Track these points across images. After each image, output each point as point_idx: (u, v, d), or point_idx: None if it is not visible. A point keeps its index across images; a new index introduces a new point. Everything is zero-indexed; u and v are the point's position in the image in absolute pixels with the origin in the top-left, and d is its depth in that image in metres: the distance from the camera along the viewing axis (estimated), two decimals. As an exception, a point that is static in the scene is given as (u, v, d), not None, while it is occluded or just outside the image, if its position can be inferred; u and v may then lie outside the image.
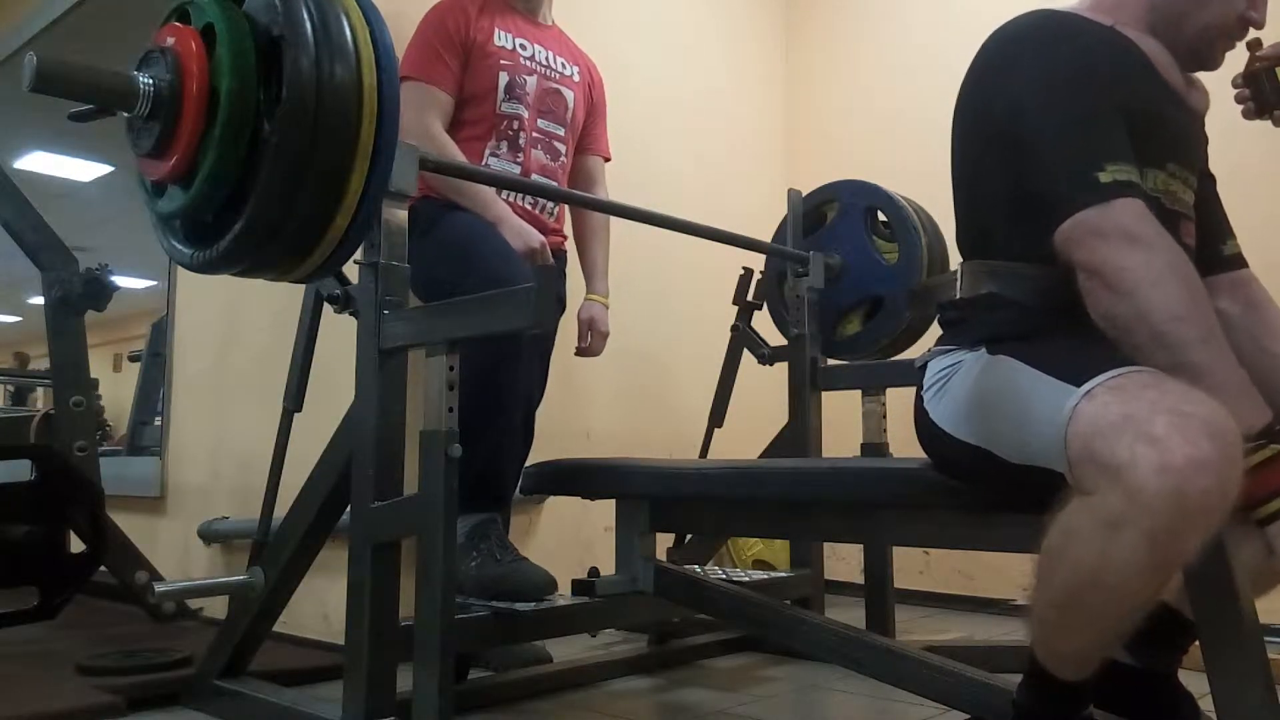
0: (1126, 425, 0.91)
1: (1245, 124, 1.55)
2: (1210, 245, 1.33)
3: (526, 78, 2.09)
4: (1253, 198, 2.52)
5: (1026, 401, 1.05)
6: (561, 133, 2.16)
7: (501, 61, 2.05)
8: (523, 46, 2.11)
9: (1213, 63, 1.30)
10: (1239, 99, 1.49)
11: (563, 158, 2.17)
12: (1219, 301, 1.27)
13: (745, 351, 2.51)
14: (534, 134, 2.10)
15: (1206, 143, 1.36)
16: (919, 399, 1.27)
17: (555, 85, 2.15)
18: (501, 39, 2.07)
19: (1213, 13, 1.25)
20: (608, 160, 2.32)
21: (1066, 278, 1.09)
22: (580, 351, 2.24)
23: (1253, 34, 1.33)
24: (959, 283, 1.24)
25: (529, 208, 2.08)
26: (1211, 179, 1.40)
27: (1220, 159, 1.41)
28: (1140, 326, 1.01)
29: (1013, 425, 1.08)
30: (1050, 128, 1.13)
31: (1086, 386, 0.97)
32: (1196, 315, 1.01)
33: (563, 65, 2.18)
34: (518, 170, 2.06)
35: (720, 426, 2.50)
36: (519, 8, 2.15)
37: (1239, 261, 1.36)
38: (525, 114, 2.08)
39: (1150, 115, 1.18)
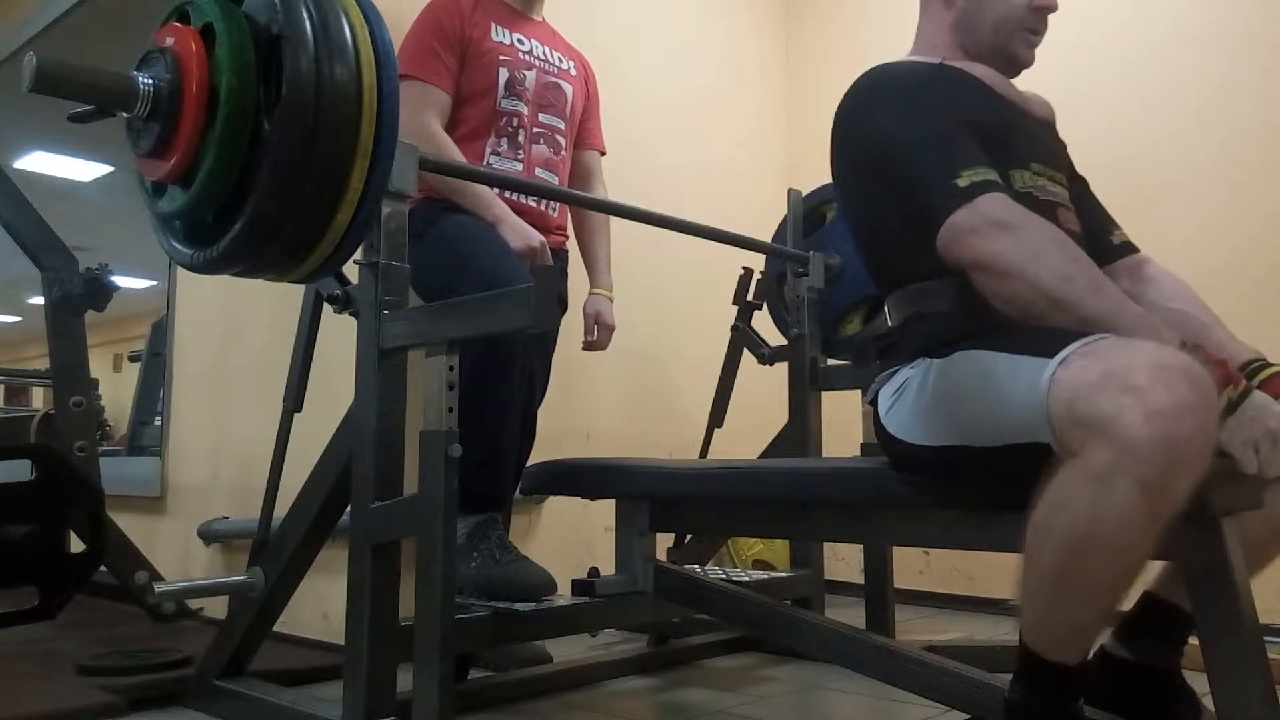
0: (1108, 381, 0.93)
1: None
2: (1098, 239, 1.41)
3: (526, 73, 2.09)
4: (1253, 199, 2.52)
5: (999, 382, 1.08)
6: (562, 126, 2.16)
7: (501, 57, 2.05)
8: (520, 41, 2.11)
9: (1023, 60, 1.41)
10: None
11: (564, 151, 2.17)
12: (1119, 285, 1.32)
13: (745, 351, 2.51)
14: (534, 129, 2.10)
15: (1064, 147, 1.47)
16: (877, 423, 1.30)
17: (554, 79, 2.15)
18: (499, 34, 2.07)
19: (996, 9, 1.37)
20: (603, 154, 2.32)
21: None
22: (587, 345, 2.24)
23: None
24: (888, 319, 1.35)
25: (532, 205, 2.08)
26: (1082, 180, 1.49)
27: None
28: (1036, 297, 1.09)
29: (988, 408, 1.10)
30: (911, 153, 1.23)
31: (1060, 355, 1.00)
32: (1080, 272, 1.09)
33: (559, 59, 2.18)
34: (519, 167, 2.06)
35: (720, 426, 2.50)
36: (513, 3, 2.15)
37: (1130, 248, 1.46)
38: (524, 110, 2.08)
39: (998, 125, 1.29)
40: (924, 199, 1.19)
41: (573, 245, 2.27)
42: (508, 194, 2.01)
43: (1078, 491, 0.94)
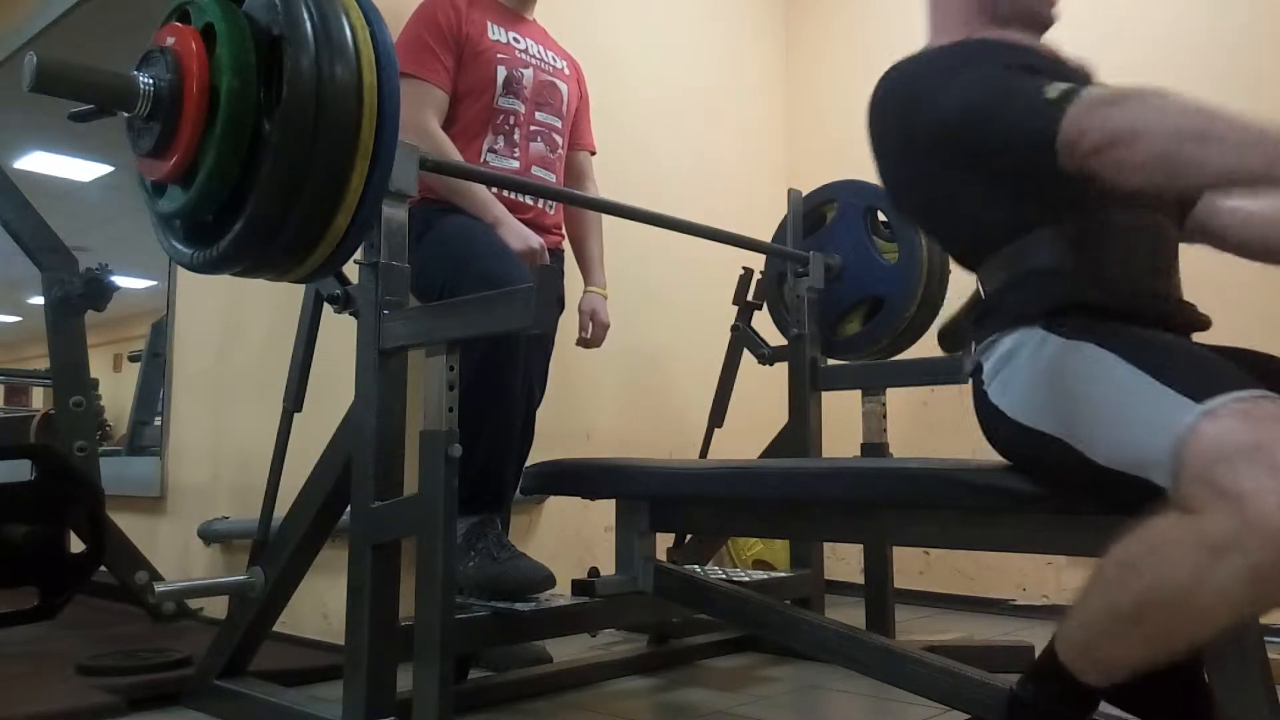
0: (1256, 454, 0.88)
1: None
2: None
3: (523, 71, 2.09)
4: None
5: (1130, 404, 1.02)
6: (559, 125, 2.16)
7: (498, 56, 2.05)
8: (516, 40, 2.11)
9: (1046, 18, 1.37)
10: None
11: (560, 149, 2.17)
12: None
13: (745, 351, 2.52)
14: (531, 127, 2.10)
15: None
16: (980, 395, 1.23)
17: (550, 78, 2.15)
18: (495, 33, 2.07)
19: None
20: (593, 154, 2.33)
21: (1077, 223, 1.14)
22: (582, 342, 2.24)
23: None
24: (980, 288, 1.27)
25: (529, 203, 2.08)
26: None
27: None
28: (1178, 145, 0.99)
29: (1108, 424, 1.05)
30: (987, 104, 1.16)
31: (1209, 405, 0.93)
32: (1206, 106, 1.00)
33: (554, 59, 2.19)
34: (516, 165, 2.06)
35: (720, 426, 2.50)
36: (506, 2, 2.15)
37: None
38: (521, 108, 2.08)
39: (1058, 74, 1.20)
40: (1021, 134, 1.11)
41: (568, 247, 2.27)
42: (504, 192, 2.01)
43: (1184, 552, 0.90)
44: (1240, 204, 1.25)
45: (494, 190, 1.98)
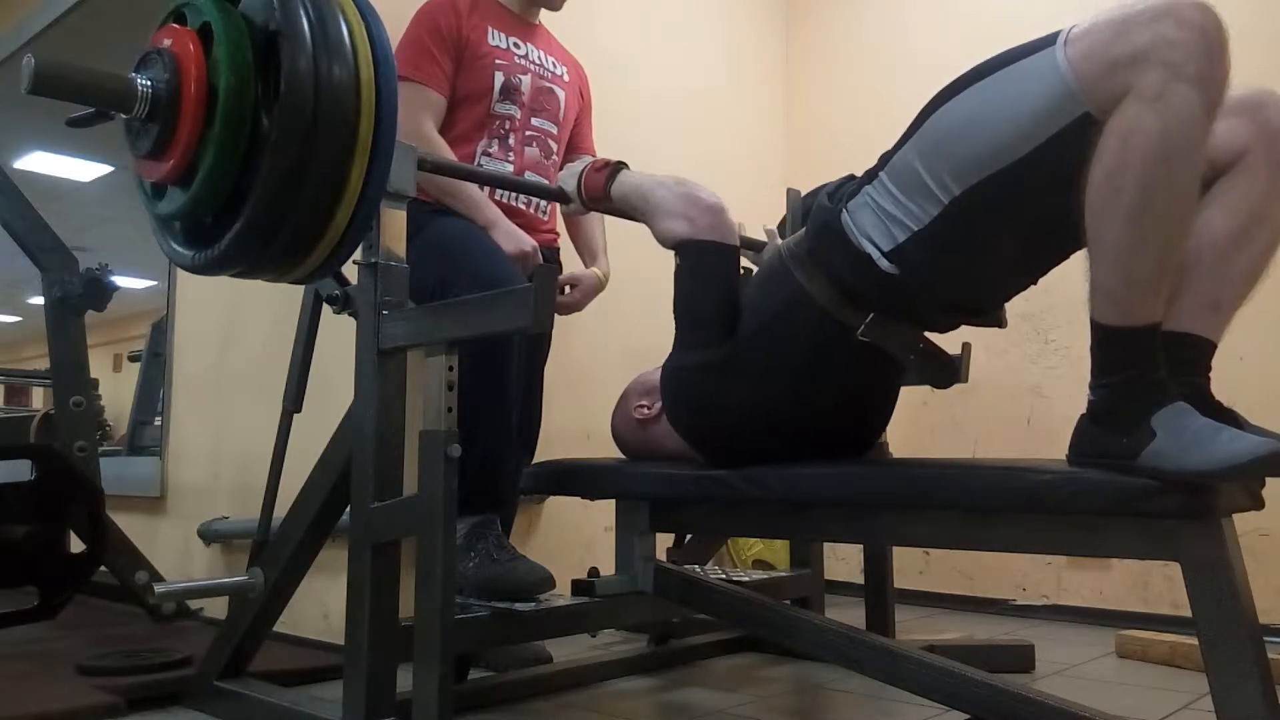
0: (1131, 19, 1.04)
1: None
2: None
3: (521, 77, 2.09)
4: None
5: (1000, 98, 1.15)
6: (555, 131, 2.16)
7: (496, 61, 2.05)
8: (516, 45, 2.11)
9: None
10: None
11: (555, 155, 2.17)
12: None
13: (745, 351, 2.51)
14: (527, 132, 2.10)
15: None
16: (875, 266, 1.30)
17: (548, 84, 2.15)
18: (495, 38, 2.07)
19: None
20: (594, 158, 2.32)
21: None
22: (559, 306, 2.18)
23: None
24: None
25: (522, 207, 2.08)
26: None
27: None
28: None
29: (1003, 123, 1.14)
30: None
31: (1061, 37, 1.09)
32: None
33: (554, 65, 2.19)
34: (510, 169, 2.06)
35: (720, 426, 2.49)
36: (510, 7, 2.15)
37: None
38: (517, 113, 2.08)
39: None
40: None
41: (565, 246, 2.26)
42: (497, 195, 2.01)
43: (1142, 116, 1.02)
44: None
45: (487, 193, 1.98)
